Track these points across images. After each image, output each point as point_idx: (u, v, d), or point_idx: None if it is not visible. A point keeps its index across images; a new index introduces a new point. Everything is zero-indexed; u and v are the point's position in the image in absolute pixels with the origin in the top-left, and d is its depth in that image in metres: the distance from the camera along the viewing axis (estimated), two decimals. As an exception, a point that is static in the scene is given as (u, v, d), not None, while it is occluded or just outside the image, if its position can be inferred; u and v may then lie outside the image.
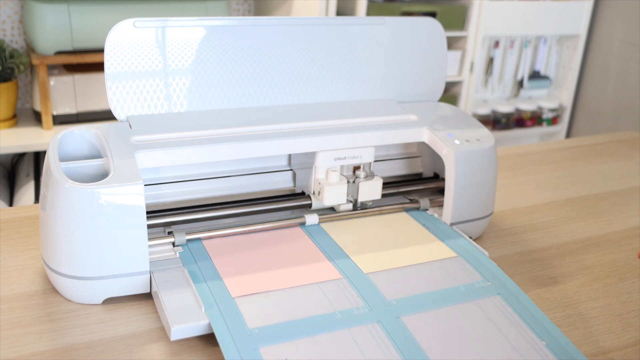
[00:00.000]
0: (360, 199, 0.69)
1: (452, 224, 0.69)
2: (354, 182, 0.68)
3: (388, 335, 0.51)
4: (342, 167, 0.68)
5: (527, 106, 2.19)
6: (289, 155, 0.70)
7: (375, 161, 0.76)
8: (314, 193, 0.69)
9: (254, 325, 0.51)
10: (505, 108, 2.14)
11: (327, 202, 0.67)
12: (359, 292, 0.56)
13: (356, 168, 0.70)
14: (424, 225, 0.69)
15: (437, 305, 0.56)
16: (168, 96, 0.65)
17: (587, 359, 0.51)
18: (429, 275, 0.60)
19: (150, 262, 0.57)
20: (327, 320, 0.52)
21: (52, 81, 1.54)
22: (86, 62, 1.55)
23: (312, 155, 0.67)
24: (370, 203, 0.71)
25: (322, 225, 0.67)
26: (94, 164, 0.59)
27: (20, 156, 1.73)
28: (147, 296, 0.58)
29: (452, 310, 0.55)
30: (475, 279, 0.59)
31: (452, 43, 2.01)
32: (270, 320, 0.52)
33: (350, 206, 0.70)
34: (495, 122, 2.15)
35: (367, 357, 0.49)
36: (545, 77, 2.23)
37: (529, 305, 0.56)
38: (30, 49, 1.57)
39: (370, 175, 0.69)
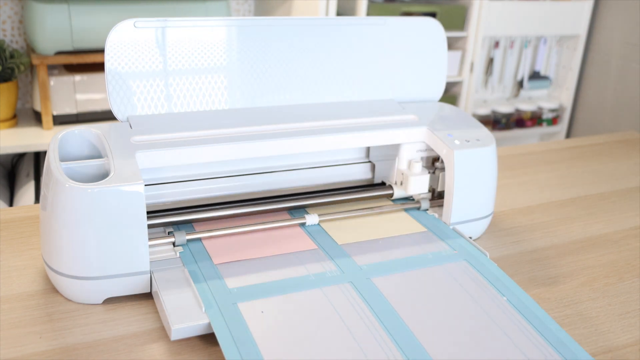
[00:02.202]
0: (440, 189, 0.72)
1: (452, 224, 0.69)
2: (434, 172, 0.72)
3: (359, 294, 0.56)
4: (422, 158, 0.72)
5: (527, 106, 2.18)
6: (367, 148, 0.75)
7: (375, 161, 0.76)
8: (396, 183, 0.72)
9: (233, 286, 0.56)
10: (505, 108, 2.14)
11: (411, 191, 0.71)
12: (332, 259, 0.61)
13: (434, 160, 0.73)
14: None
15: (406, 269, 0.60)
16: (168, 96, 0.65)
17: (543, 310, 0.55)
18: (398, 245, 0.65)
19: (150, 262, 0.57)
20: (301, 282, 0.57)
21: (52, 81, 1.54)
22: (86, 62, 1.55)
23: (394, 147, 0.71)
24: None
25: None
26: (94, 164, 0.59)
27: (20, 156, 1.73)
28: (148, 296, 0.58)
29: (420, 273, 0.60)
30: (442, 248, 0.64)
31: (452, 43, 2.01)
32: (249, 281, 0.57)
33: (429, 195, 0.73)
34: (495, 122, 2.15)
35: (339, 312, 0.53)
36: (545, 78, 2.23)
37: (493, 268, 0.61)
38: (30, 49, 1.57)
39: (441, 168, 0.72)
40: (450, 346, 0.51)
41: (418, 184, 0.71)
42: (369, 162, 0.75)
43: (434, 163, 0.73)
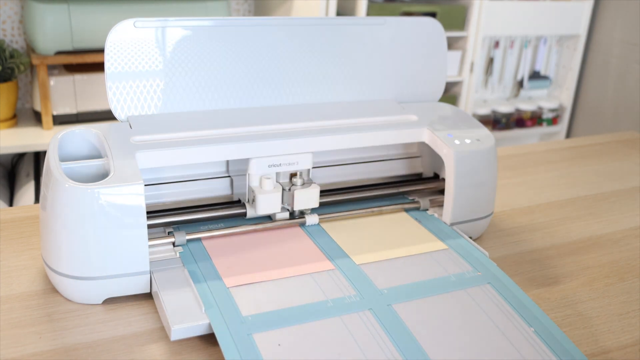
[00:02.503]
0: (296, 208, 0.65)
1: (452, 224, 0.69)
2: (289, 190, 0.65)
3: (379, 322, 0.53)
4: (278, 174, 0.65)
5: (527, 106, 2.19)
6: (227, 162, 0.68)
7: (375, 161, 0.76)
8: (248, 201, 0.66)
9: (247, 313, 0.52)
10: (505, 108, 2.14)
11: (261, 211, 0.64)
12: (350, 282, 0.57)
13: (293, 175, 0.66)
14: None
15: (428, 294, 0.57)
16: (168, 96, 0.65)
17: (574, 344, 0.52)
18: (419, 266, 0.61)
19: (150, 262, 0.57)
20: (319, 308, 0.53)
21: (52, 81, 1.54)
22: (86, 62, 1.55)
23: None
24: (309, 211, 0.68)
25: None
26: (94, 164, 0.59)
27: (20, 156, 1.73)
28: (147, 296, 0.58)
29: (443, 298, 0.56)
30: (465, 269, 0.61)
31: (452, 43, 2.01)
32: (264, 308, 0.53)
33: (286, 214, 0.66)
34: (495, 122, 2.15)
35: (359, 343, 0.50)
36: (545, 77, 2.23)
37: (518, 293, 0.57)
38: (30, 49, 1.57)
39: (307, 183, 0.66)
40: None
41: (268, 203, 0.63)
42: (229, 176, 0.69)
43: (291, 179, 0.66)
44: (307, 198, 0.65)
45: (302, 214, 0.67)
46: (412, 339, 0.51)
